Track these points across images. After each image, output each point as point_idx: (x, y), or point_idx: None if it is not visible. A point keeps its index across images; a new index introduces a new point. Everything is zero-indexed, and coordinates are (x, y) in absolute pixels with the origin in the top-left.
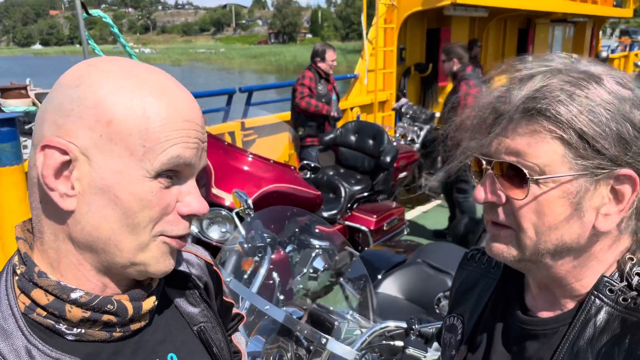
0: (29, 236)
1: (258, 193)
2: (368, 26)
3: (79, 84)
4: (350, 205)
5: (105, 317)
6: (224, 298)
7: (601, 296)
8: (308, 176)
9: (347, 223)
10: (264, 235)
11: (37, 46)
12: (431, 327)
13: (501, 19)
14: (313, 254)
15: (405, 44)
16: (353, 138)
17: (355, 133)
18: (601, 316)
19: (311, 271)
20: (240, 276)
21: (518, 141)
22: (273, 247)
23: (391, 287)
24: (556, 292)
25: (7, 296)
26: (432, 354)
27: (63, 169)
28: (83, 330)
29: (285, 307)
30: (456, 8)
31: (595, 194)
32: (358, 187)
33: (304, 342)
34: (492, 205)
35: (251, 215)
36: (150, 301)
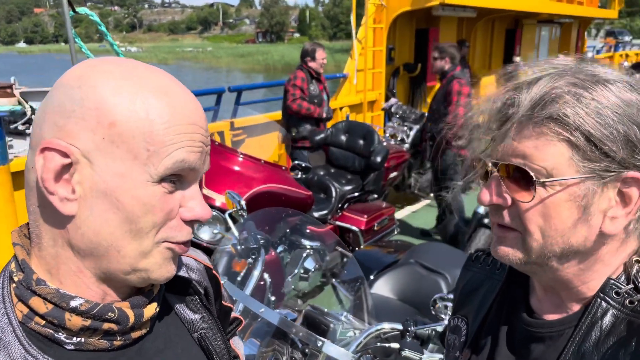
0: (26, 242)
1: (249, 193)
2: (357, 26)
3: (81, 85)
4: (340, 205)
5: (106, 326)
6: (223, 302)
7: (607, 299)
8: (299, 176)
9: (338, 223)
10: (258, 237)
11: (22, 44)
12: (427, 329)
13: (489, 20)
14: (304, 255)
15: (394, 44)
16: (343, 138)
17: (345, 133)
18: (607, 319)
19: (302, 272)
20: (233, 278)
21: (525, 144)
22: (267, 249)
23: (384, 288)
24: (562, 295)
25: (4, 304)
26: (428, 356)
27: (63, 172)
28: (83, 339)
29: (278, 309)
30: (445, 8)
31: (602, 197)
32: (349, 187)
33: (299, 345)
34: (498, 207)
35: (244, 216)
36: (151, 308)
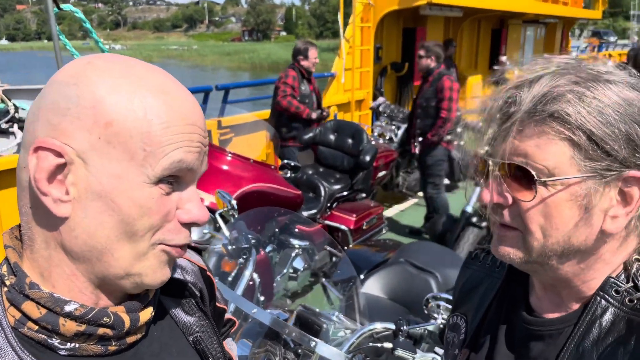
0: (18, 244)
1: (238, 193)
2: (345, 24)
3: (77, 82)
4: (329, 204)
5: (101, 331)
6: (217, 304)
7: (607, 297)
8: (288, 175)
9: (327, 222)
10: (249, 236)
11: (4, 41)
12: (419, 328)
13: (475, 19)
14: (293, 254)
15: (381, 43)
16: (332, 137)
17: (334, 132)
18: (607, 317)
19: (291, 271)
20: (223, 278)
21: (526, 142)
22: (257, 249)
23: (374, 287)
24: (562, 293)
25: None
26: (421, 355)
27: (57, 173)
28: (77, 344)
29: (268, 309)
30: (432, 8)
31: (603, 196)
32: (337, 187)
33: (292, 345)
34: (499, 206)
35: (235, 216)
36: (147, 312)
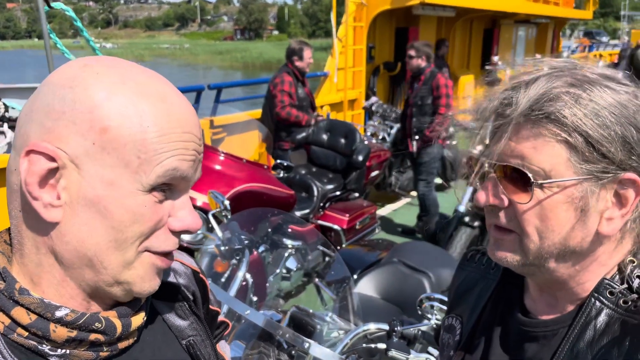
0: (7, 248)
1: (231, 193)
2: (337, 24)
3: (73, 85)
4: (322, 204)
5: (92, 337)
6: (210, 307)
7: (601, 298)
8: (281, 175)
9: (320, 222)
10: (242, 237)
11: None
12: (413, 329)
13: (467, 19)
14: (285, 254)
15: (374, 43)
16: (325, 137)
17: (327, 132)
18: (601, 318)
19: (284, 271)
20: (216, 279)
21: (523, 144)
22: (251, 250)
23: (367, 287)
24: (557, 295)
25: None
26: (415, 356)
27: (49, 177)
28: (68, 350)
29: (261, 310)
30: (424, 7)
31: (599, 198)
32: (330, 186)
33: (285, 347)
34: (494, 208)
35: (228, 216)
36: (139, 317)
